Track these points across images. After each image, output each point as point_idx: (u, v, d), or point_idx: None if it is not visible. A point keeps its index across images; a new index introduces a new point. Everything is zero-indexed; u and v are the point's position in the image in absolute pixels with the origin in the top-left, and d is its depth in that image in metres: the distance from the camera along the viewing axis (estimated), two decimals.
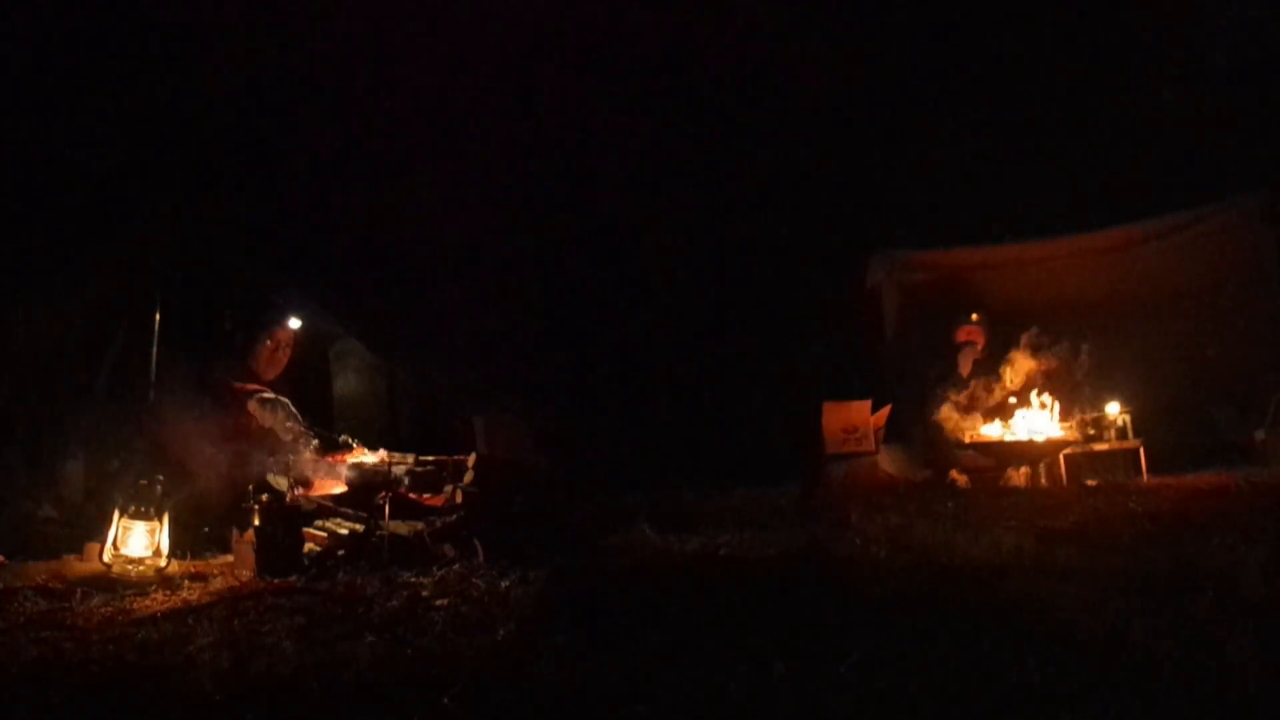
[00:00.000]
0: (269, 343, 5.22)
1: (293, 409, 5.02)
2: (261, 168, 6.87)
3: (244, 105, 6.93)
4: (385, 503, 4.08)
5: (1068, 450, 6.33)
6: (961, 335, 6.88)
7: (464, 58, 7.83)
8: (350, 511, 4.37)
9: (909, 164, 8.71)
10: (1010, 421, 6.47)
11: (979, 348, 6.86)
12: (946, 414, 6.51)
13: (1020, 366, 6.55)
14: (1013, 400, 6.54)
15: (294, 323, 5.32)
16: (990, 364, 6.80)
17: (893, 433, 6.76)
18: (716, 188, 8.75)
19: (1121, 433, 6.42)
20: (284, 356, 5.30)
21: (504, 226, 7.89)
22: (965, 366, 6.71)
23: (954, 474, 6.27)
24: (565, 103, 8.25)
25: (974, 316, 6.89)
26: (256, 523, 3.84)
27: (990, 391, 6.58)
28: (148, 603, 3.29)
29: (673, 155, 8.60)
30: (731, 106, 8.92)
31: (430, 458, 4.68)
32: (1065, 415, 6.43)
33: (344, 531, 4.22)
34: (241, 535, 3.97)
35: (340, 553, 3.94)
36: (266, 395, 4.97)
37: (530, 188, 8.16)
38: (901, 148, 8.80)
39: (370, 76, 7.61)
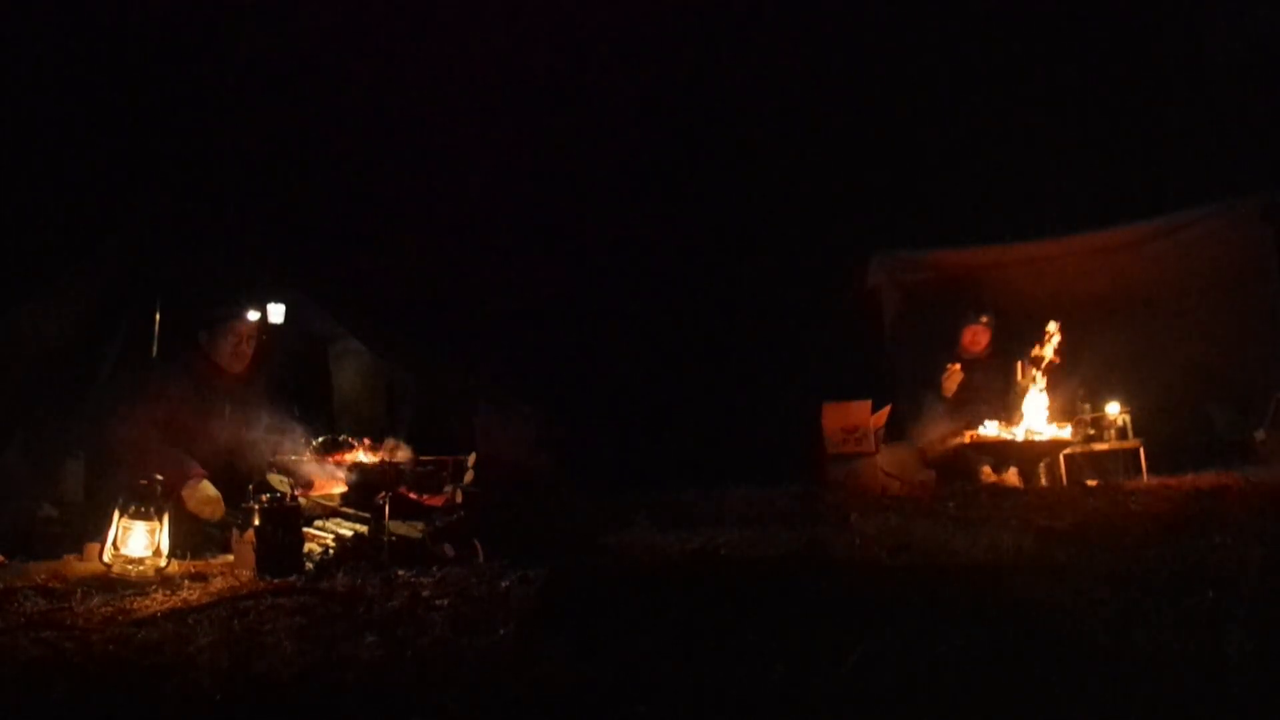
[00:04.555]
0: (231, 337, 5.17)
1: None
2: (261, 167, 6.87)
3: (243, 104, 6.93)
4: (385, 503, 4.07)
5: (1068, 450, 6.32)
6: (967, 336, 6.86)
7: (463, 58, 7.83)
8: (351, 512, 4.37)
9: (909, 164, 8.71)
10: (1009, 421, 6.48)
11: (980, 349, 6.84)
12: (943, 420, 6.53)
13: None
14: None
15: (253, 314, 5.26)
16: (993, 364, 6.80)
17: (893, 433, 6.76)
18: (717, 188, 8.76)
19: (1121, 433, 6.42)
20: (248, 349, 5.23)
21: (504, 226, 7.90)
22: (950, 387, 6.69)
23: (986, 470, 6.25)
24: (566, 103, 8.26)
25: (983, 319, 6.86)
26: (256, 523, 3.84)
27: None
28: (148, 603, 3.28)
29: (673, 155, 8.60)
30: (732, 107, 8.92)
31: (430, 458, 4.68)
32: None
33: (345, 532, 4.23)
34: (241, 535, 3.97)
35: (348, 549, 3.94)
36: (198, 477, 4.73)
37: (531, 188, 8.16)
38: (901, 148, 8.80)
39: (371, 74, 7.61)
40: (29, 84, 5.99)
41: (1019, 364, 6.60)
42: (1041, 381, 6.47)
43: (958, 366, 6.69)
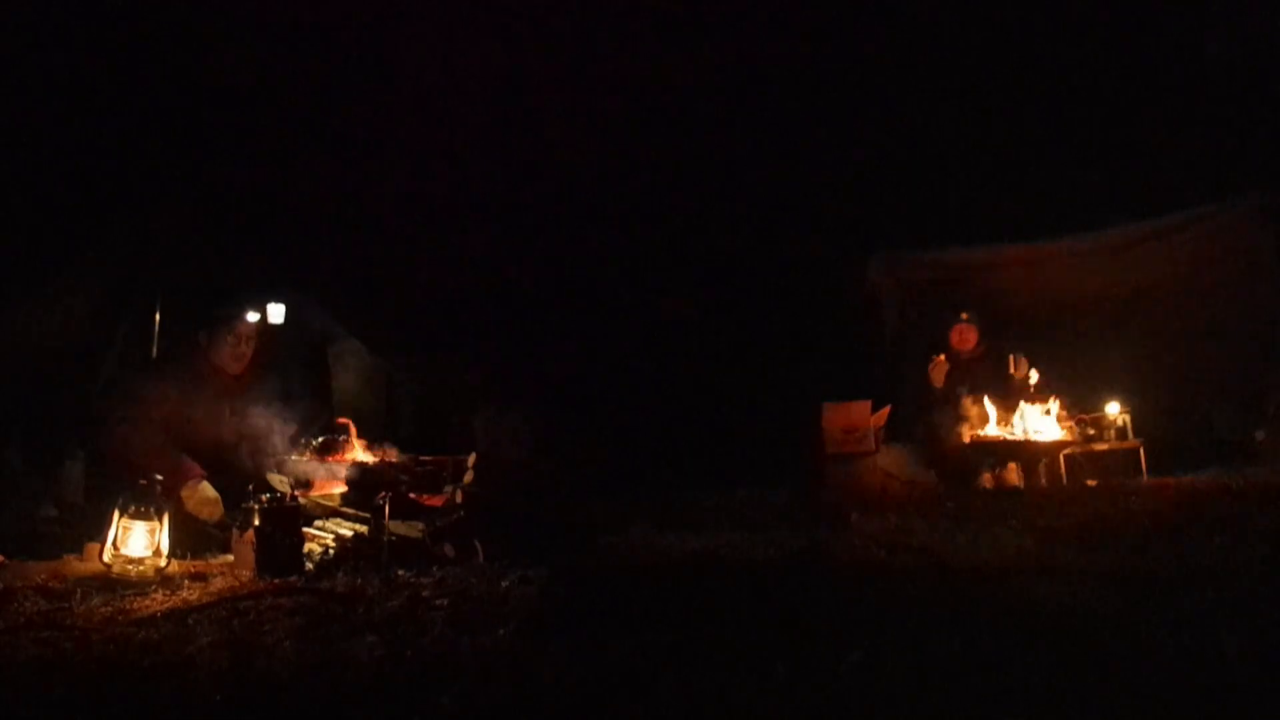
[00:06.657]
0: (230, 338, 5.16)
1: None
2: (260, 167, 6.87)
3: (242, 104, 6.93)
4: (385, 503, 4.07)
5: (1068, 450, 6.33)
6: (954, 336, 6.87)
7: (462, 56, 7.83)
8: (351, 512, 4.37)
9: (909, 164, 8.71)
10: (1010, 421, 6.47)
11: (970, 348, 6.84)
12: (943, 419, 6.53)
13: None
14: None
15: (252, 315, 5.26)
16: (984, 363, 6.80)
17: (893, 433, 6.76)
18: (716, 187, 8.75)
19: (1121, 433, 6.42)
20: (248, 350, 5.22)
21: (504, 226, 7.89)
22: (937, 379, 6.69)
23: (986, 476, 6.25)
24: (565, 102, 8.25)
25: (963, 315, 6.87)
26: (256, 523, 3.84)
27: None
28: (148, 603, 3.29)
29: (672, 154, 8.59)
30: (731, 105, 8.91)
31: (430, 458, 4.68)
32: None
33: (345, 532, 4.23)
34: (241, 535, 3.97)
35: (348, 549, 3.94)
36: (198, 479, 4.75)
37: (530, 187, 8.15)
38: (901, 148, 8.80)
39: (368, 72, 7.60)
40: (29, 84, 5.99)
41: (1011, 358, 6.61)
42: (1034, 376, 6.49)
43: (943, 358, 6.71)
